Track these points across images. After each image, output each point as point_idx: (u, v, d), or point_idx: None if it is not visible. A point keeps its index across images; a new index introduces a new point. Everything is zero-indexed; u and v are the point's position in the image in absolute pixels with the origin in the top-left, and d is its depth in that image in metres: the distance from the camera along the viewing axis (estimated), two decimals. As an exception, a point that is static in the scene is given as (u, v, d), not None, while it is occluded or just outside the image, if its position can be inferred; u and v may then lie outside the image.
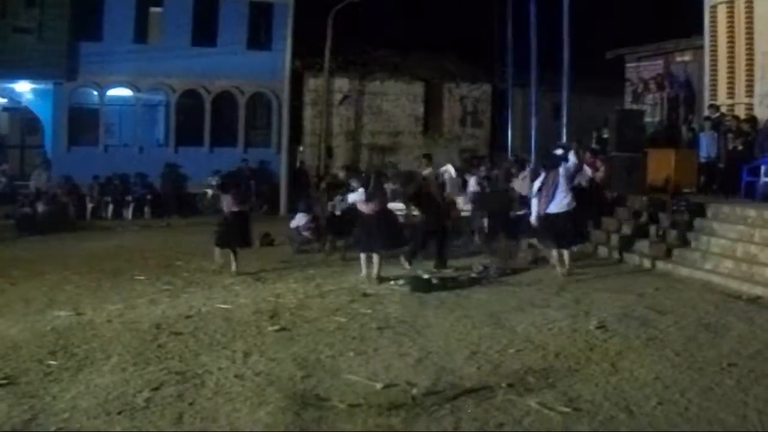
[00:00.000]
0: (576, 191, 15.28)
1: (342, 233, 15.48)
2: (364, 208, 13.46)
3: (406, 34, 32.99)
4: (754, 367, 8.22)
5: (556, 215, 13.80)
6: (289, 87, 30.30)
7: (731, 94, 20.17)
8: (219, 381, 7.68)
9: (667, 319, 10.43)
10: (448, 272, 13.88)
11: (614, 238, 16.46)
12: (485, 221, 17.11)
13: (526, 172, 17.04)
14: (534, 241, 15.10)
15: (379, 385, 7.54)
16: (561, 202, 13.77)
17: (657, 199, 16.40)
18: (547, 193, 13.82)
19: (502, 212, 16.42)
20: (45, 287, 12.65)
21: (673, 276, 13.80)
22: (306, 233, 16.98)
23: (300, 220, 17.16)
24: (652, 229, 15.73)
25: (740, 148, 17.11)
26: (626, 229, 16.48)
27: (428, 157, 19.54)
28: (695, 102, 22.18)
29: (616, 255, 15.76)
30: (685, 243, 14.70)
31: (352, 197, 13.64)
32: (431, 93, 33.81)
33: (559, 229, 13.78)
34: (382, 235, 13.40)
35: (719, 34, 20.59)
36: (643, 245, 15.48)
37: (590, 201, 17.23)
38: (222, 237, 14.46)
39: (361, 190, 13.34)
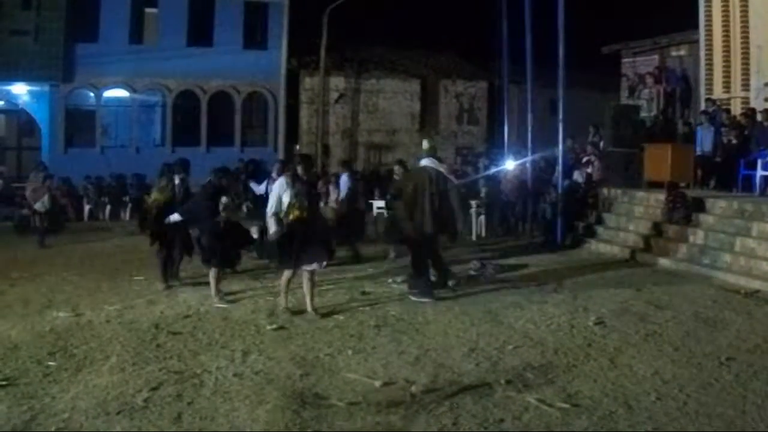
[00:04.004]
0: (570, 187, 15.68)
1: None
2: None
3: (402, 31, 33.02)
4: (753, 362, 8.22)
5: None
6: (285, 86, 30.39)
7: (727, 88, 20.22)
8: (218, 380, 7.67)
9: (665, 314, 10.44)
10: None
11: (611, 234, 16.49)
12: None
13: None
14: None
15: (377, 383, 7.54)
16: None
17: (654, 194, 16.41)
18: None
19: None
20: (44, 288, 12.64)
21: (670, 271, 13.82)
22: None
23: None
24: (650, 224, 15.73)
25: (734, 141, 17.12)
26: (623, 225, 16.51)
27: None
28: (691, 96, 22.21)
29: (613, 250, 15.77)
30: (682, 237, 14.70)
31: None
32: (427, 90, 33.87)
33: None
34: None
35: (714, 28, 20.64)
36: (639, 240, 15.50)
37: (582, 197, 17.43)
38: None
39: None
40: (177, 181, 12.62)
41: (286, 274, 10.61)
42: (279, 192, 10.60)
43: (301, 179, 10.60)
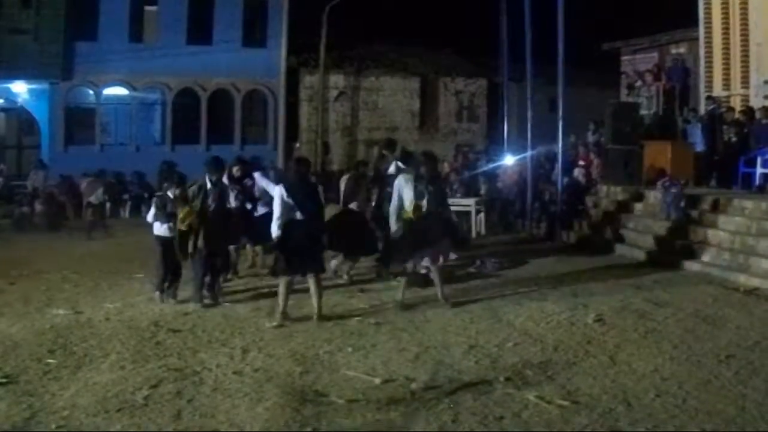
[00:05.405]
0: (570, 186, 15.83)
1: None
2: None
3: (401, 29, 32.99)
4: (752, 359, 8.22)
5: None
6: (285, 84, 30.37)
7: (727, 85, 20.21)
8: (217, 378, 7.69)
9: (664, 312, 10.43)
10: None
11: (610, 232, 16.48)
12: None
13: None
14: None
15: (377, 380, 7.55)
16: None
17: (653, 191, 16.40)
18: None
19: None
20: (44, 286, 12.64)
21: (670, 268, 13.78)
22: None
23: None
24: (649, 221, 15.72)
25: (734, 139, 17.12)
26: (623, 222, 16.49)
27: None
28: (691, 94, 22.19)
29: (612, 248, 15.75)
30: (680, 235, 14.67)
31: None
32: (427, 88, 33.87)
33: None
34: None
35: (714, 26, 20.63)
36: (638, 238, 15.48)
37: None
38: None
39: None
40: (209, 185, 11.12)
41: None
42: (398, 190, 10.75)
43: (423, 178, 10.66)
